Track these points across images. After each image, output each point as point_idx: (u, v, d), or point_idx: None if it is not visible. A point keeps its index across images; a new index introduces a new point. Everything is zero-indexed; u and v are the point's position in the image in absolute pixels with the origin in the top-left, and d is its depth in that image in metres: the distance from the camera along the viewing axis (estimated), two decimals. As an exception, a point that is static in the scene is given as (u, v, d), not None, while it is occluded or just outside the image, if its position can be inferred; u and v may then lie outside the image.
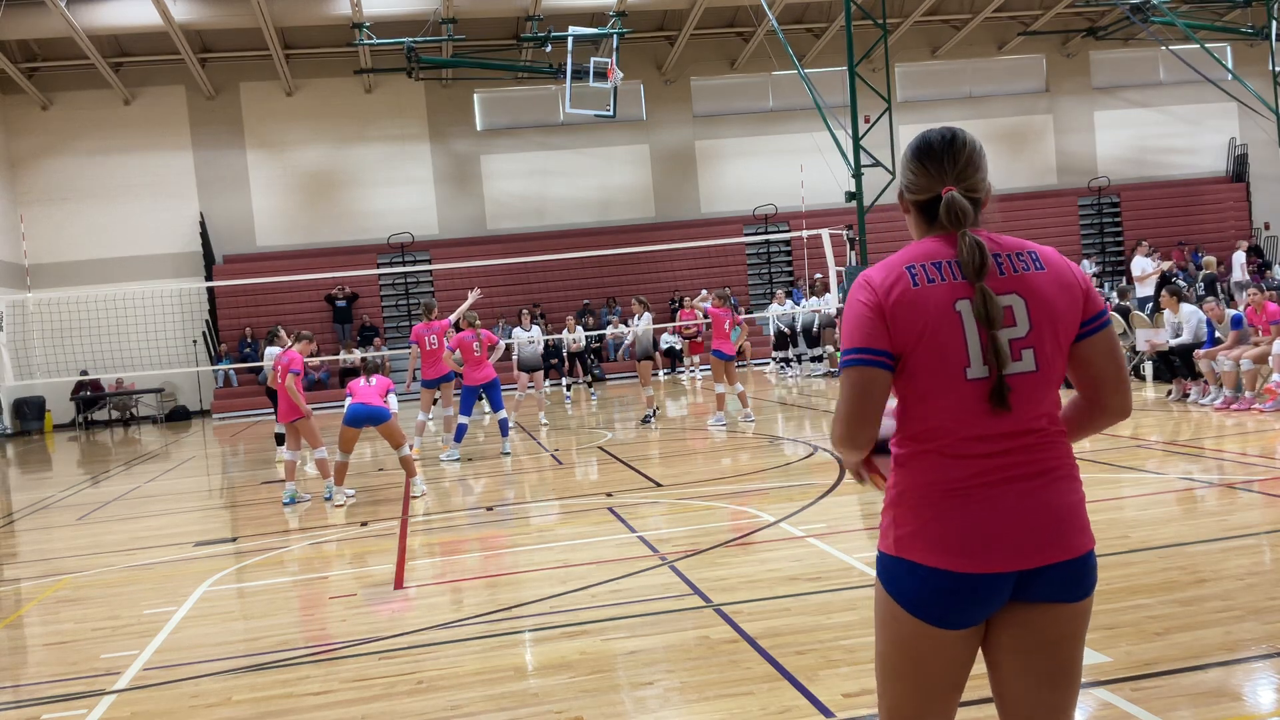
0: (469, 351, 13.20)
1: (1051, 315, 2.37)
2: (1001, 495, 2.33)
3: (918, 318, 2.32)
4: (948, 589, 2.32)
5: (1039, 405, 2.40)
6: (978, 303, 2.31)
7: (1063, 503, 2.37)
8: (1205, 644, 4.64)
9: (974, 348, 2.32)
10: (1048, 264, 2.40)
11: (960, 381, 2.33)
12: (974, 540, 2.31)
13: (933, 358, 2.33)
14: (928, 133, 2.50)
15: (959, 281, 2.34)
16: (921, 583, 2.34)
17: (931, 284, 2.34)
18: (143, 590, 7.47)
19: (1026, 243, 2.44)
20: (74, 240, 28.40)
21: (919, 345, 2.32)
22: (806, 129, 27.49)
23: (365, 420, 10.33)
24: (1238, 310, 12.65)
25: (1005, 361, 2.32)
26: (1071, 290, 2.40)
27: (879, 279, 2.37)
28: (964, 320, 2.32)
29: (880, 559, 2.44)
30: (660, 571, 6.66)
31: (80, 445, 22.57)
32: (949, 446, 2.36)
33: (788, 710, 4.26)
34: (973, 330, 2.32)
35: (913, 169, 2.47)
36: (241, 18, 25.59)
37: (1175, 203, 32.25)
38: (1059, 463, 2.41)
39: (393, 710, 4.64)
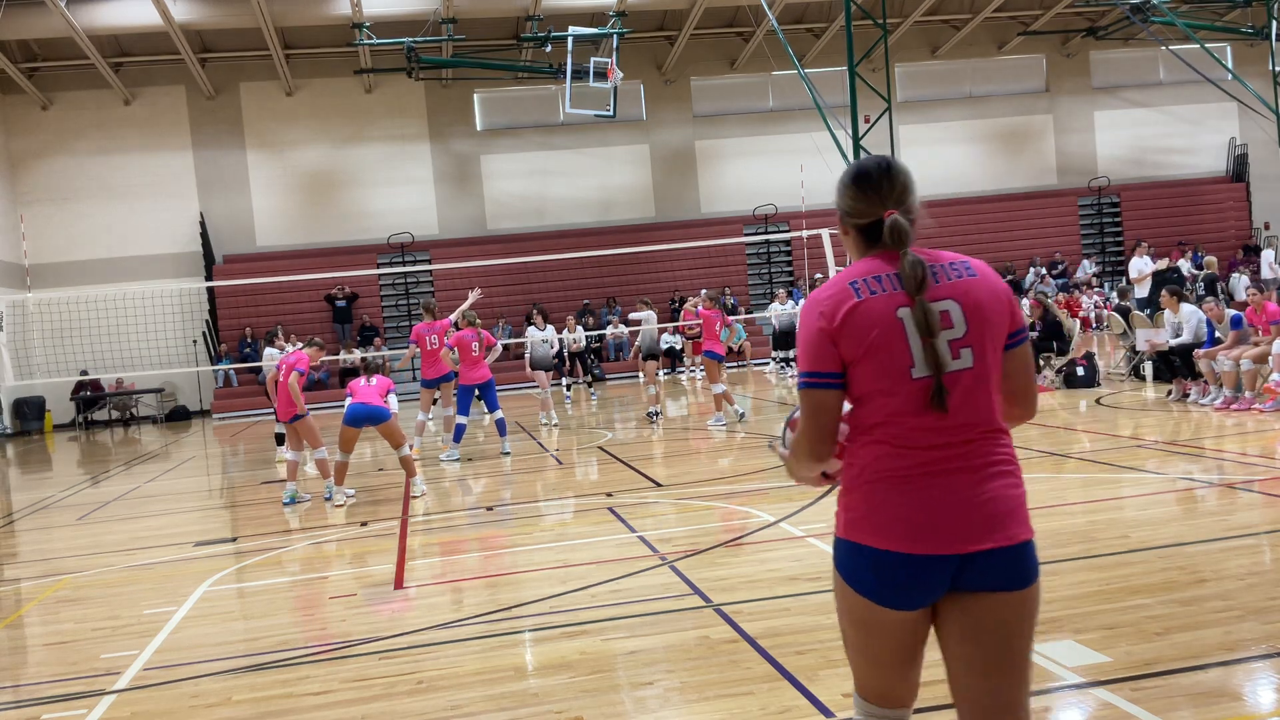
0: (467, 351, 13.19)
1: (984, 317, 2.58)
2: (944, 485, 2.53)
3: (864, 329, 2.53)
4: (891, 570, 2.52)
5: (980, 399, 2.58)
6: (918, 314, 2.52)
7: (1002, 495, 2.55)
8: (1205, 644, 4.64)
9: (917, 350, 2.54)
10: (980, 273, 2.64)
11: (906, 380, 2.53)
12: (916, 524, 2.51)
13: (880, 361, 2.54)
14: (864, 161, 2.70)
15: (899, 292, 2.56)
16: (868, 564, 2.55)
17: (874, 295, 2.56)
18: (143, 590, 7.47)
19: (956, 255, 2.68)
20: (74, 240, 28.41)
21: (867, 352, 2.54)
22: (806, 129, 27.49)
23: (365, 420, 10.33)
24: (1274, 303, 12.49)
25: (945, 364, 2.53)
26: (1000, 300, 2.62)
27: (826, 301, 2.58)
28: (906, 325, 2.54)
29: (835, 543, 2.66)
30: (660, 571, 6.66)
31: (80, 445, 22.57)
32: (897, 437, 2.55)
33: (788, 710, 4.26)
34: (914, 335, 2.54)
35: (853, 195, 2.68)
36: (241, 18, 25.59)
37: (1175, 203, 32.25)
38: (1000, 458, 2.59)
39: (393, 710, 4.64)
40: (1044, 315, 15.94)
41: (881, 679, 2.71)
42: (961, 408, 2.54)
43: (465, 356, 13.21)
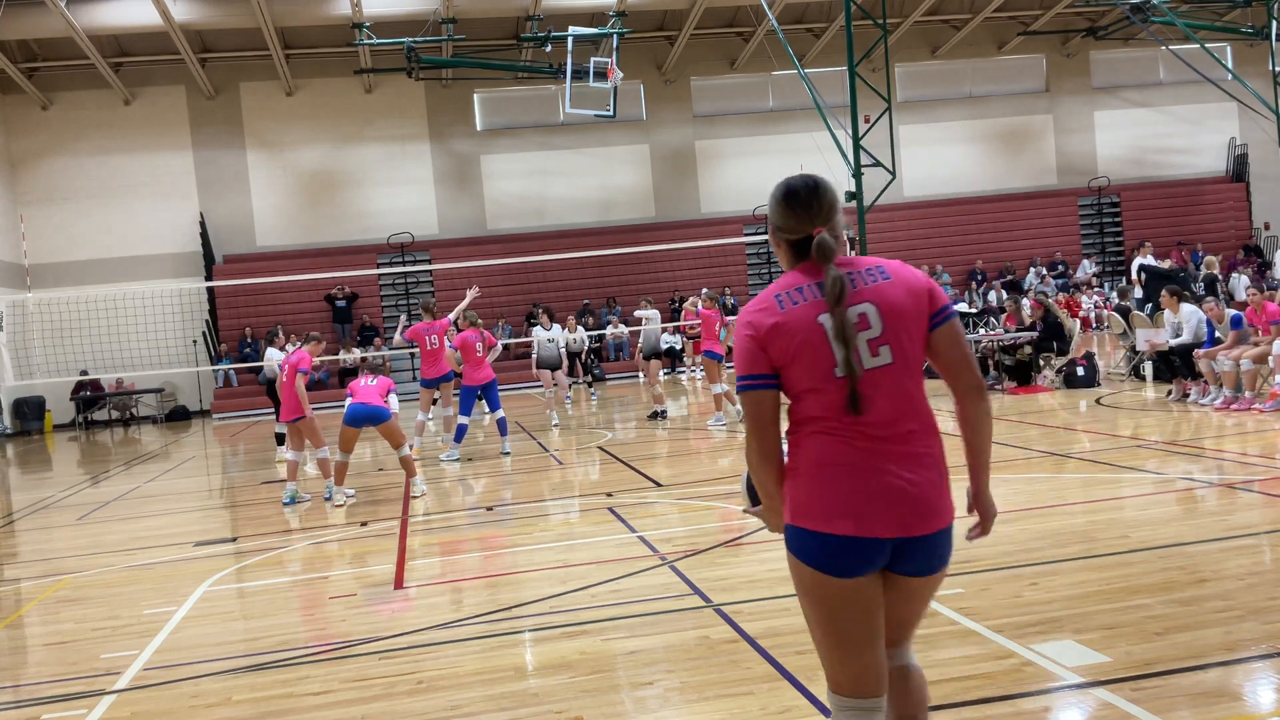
0: (471, 351, 13.18)
1: (900, 316, 2.82)
2: (876, 473, 2.78)
3: (789, 337, 2.80)
4: (834, 548, 2.78)
5: (903, 392, 2.83)
6: (835, 323, 2.77)
7: (928, 482, 2.81)
8: (1205, 644, 4.64)
9: (838, 352, 2.78)
10: (894, 275, 2.87)
11: (831, 379, 2.79)
12: (853, 510, 2.77)
13: (805, 364, 2.80)
14: (793, 181, 2.95)
15: (819, 300, 2.80)
16: (814, 544, 2.80)
17: (796, 305, 2.82)
18: (143, 590, 7.47)
19: (874, 260, 2.91)
20: (74, 240, 28.41)
21: (793, 357, 2.80)
22: (806, 129, 27.48)
23: (365, 420, 10.33)
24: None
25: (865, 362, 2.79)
26: (917, 294, 2.86)
27: (755, 314, 2.86)
28: (827, 330, 2.78)
29: (785, 529, 2.89)
30: (660, 571, 6.66)
31: (80, 445, 22.57)
32: (831, 430, 2.81)
33: (788, 710, 4.26)
34: (835, 339, 2.78)
35: (783, 213, 2.93)
36: (241, 18, 25.59)
37: (1175, 203, 32.25)
38: (925, 449, 2.84)
39: (393, 710, 4.64)
40: (1044, 315, 15.94)
41: (849, 659, 2.85)
42: (885, 402, 2.80)
43: (469, 357, 13.19)
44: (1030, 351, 15.87)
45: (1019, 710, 4.12)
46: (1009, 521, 7.34)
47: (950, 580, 5.90)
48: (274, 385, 14.82)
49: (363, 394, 10.47)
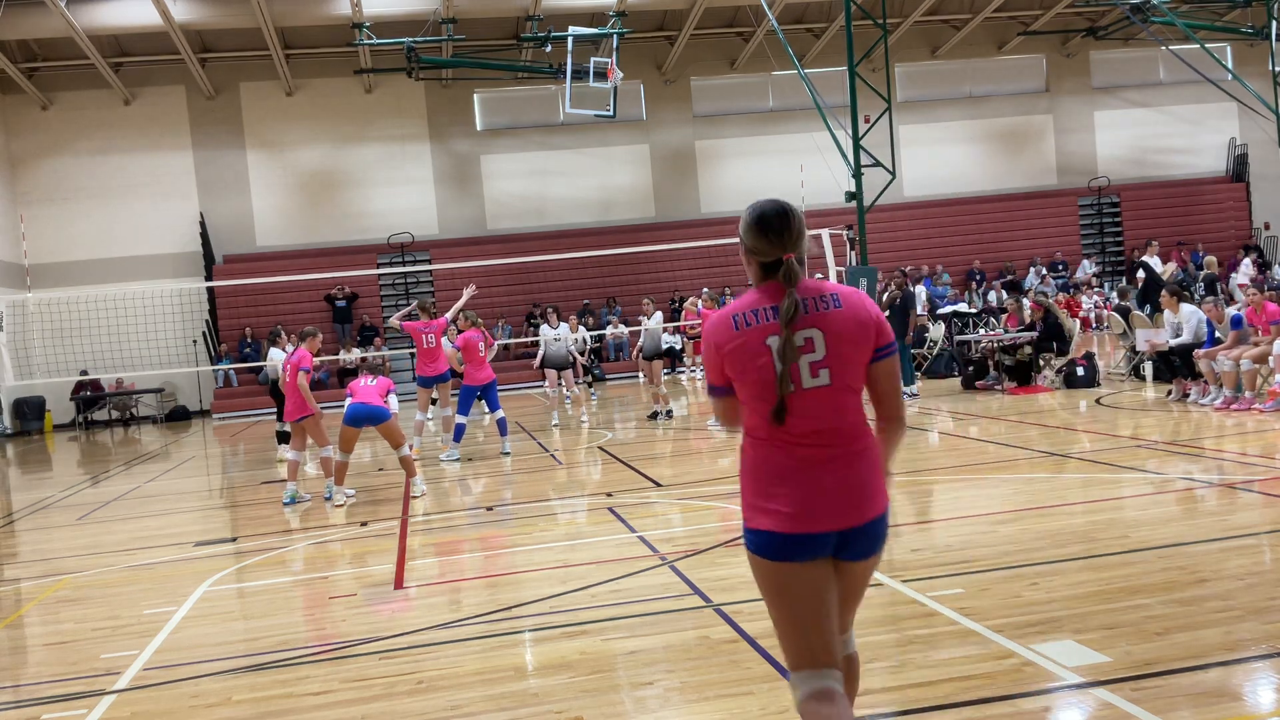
0: (474, 351, 13.16)
1: (843, 343, 3.10)
2: (814, 476, 3.08)
3: (742, 356, 3.12)
4: (782, 544, 3.07)
5: (836, 408, 3.11)
6: (781, 343, 3.06)
7: (862, 480, 3.11)
8: (1205, 644, 4.64)
9: (778, 368, 3.08)
10: (845, 304, 3.14)
11: (773, 396, 3.09)
12: (795, 510, 3.06)
13: (752, 381, 3.12)
14: (765, 208, 3.23)
15: (770, 323, 3.10)
16: (765, 541, 3.10)
17: (749, 327, 3.12)
18: (143, 590, 7.47)
19: (834, 287, 3.18)
20: (74, 240, 28.40)
21: (742, 374, 3.14)
22: (806, 129, 27.48)
23: (365, 420, 10.33)
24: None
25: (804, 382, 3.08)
26: (865, 325, 3.13)
27: (717, 334, 3.19)
28: (773, 352, 3.07)
29: (743, 529, 3.20)
30: (660, 571, 6.66)
31: (80, 445, 22.57)
32: (773, 437, 3.11)
33: (788, 710, 4.26)
34: (779, 359, 3.08)
35: (755, 237, 3.21)
36: (241, 18, 25.59)
37: (1175, 203, 32.25)
38: (858, 449, 3.13)
39: (393, 710, 4.65)
40: (1044, 316, 15.94)
41: (806, 635, 3.12)
42: (819, 417, 3.09)
43: (472, 356, 13.17)
44: (1030, 351, 15.87)
45: (1019, 710, 4.12)
46: (1009, 521, 7.34)
47: (950, 580, 5.90)
48: (277, 385, 14.79)
49: (362, 394, 10.47)
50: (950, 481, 9.31)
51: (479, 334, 13.30)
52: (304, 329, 11.43)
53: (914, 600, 5.60)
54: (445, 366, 14.02)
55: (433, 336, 13.75)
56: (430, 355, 13.79)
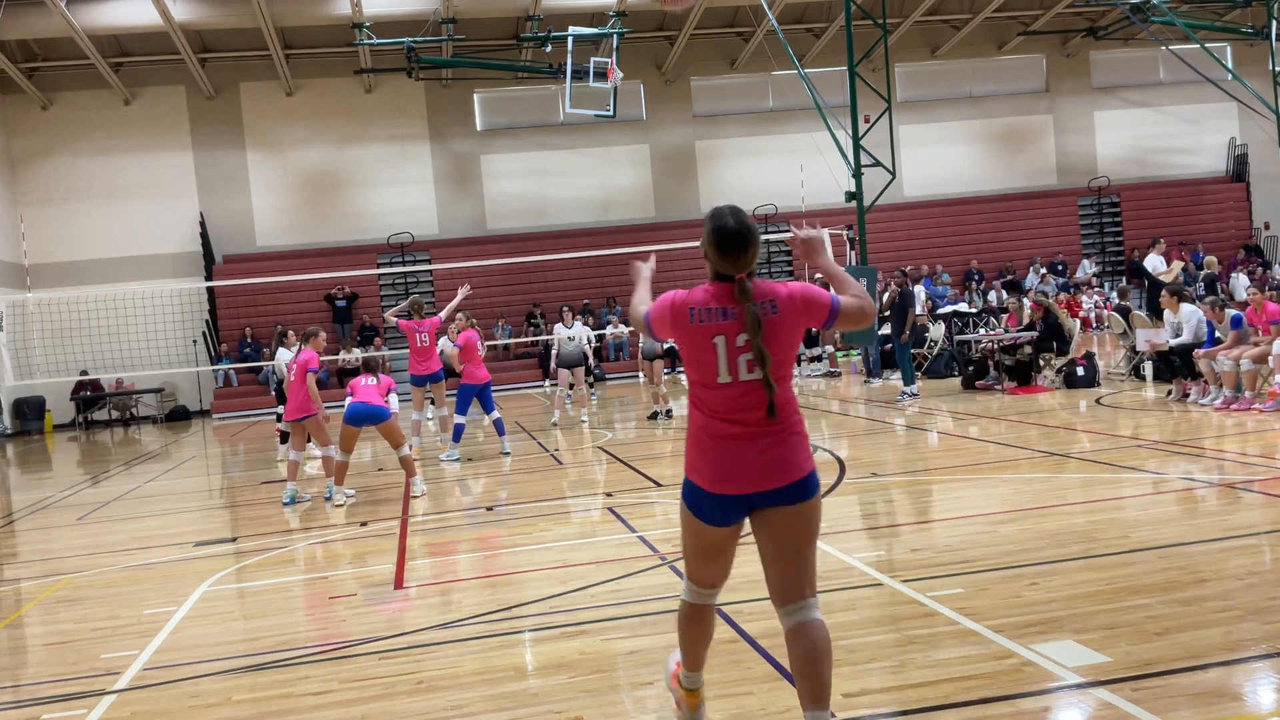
0: (473, 350, 13.16)
1: (777, 345, 3.64)
2: (738, 448, 3.66)
3: (691, 345, 3.71)
4: (705, 501, 3.73)
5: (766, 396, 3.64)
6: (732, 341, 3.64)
7: (784, 453, 3.65)
8: (1205, 644, 4.64)
9: (723, 365, 3.65)
10: (781, 310, 3.66)
11: (714, 384, 3.69)
12: (720, 473, 3.67)
13: (699, 367, 3.71)
14: (727, 225, 3.72)
15: (719, 324, 3.65)
16: (694, 494, 3.76)
17: (703, 323, 3.68)
18: (143, 590, 7.47)
19: (773, 292, 3.68)
20: (74, 240, 28.41)
21: (691, 358, 3.73)
22: (806, 129, 27.49)
23: (365, 419, 10.33)
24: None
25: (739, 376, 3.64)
26: (796, 328, 3.71)
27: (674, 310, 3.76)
28: (718, 348, 3.65)
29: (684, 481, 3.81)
30: (660, 571, 6.66)
31: (80, 445, 22.57)
32: (712, 414, 3.70)
33: (788, 710, 4.26)
34: (723, 355, 3.65)
35: (716, 253, 3.75)
36: (241, 18, 25.59)
37: (1175, 203, 32.25)
38: (785, 428, 3.67)
39: (393, 710, 4.64)
40: (1044, 315, 15.94)
41: (700, 569, 3.93)
42: (751, 402, 3.63)
43: (471, 356, 13.16)
44: (1030, 351, 15.87)
45: (1019, 710, 4.12)
46: (1009, 521, 7.34)
47: (950, 580, 5.90)
48: (283, 385, 14.75)
49: (363, 393, 10.47)
50: (950, 481, 9.31)
51: (477, 334, 13.31)
52: (307, 329, 11.42)
53: (914, 600, 5.60)
54: (438, 365, 14.05)
55: (426, 335, 13.78)
56: (424, 354, 13.82)
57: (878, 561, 6.50)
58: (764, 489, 3.63)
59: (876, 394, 17.47)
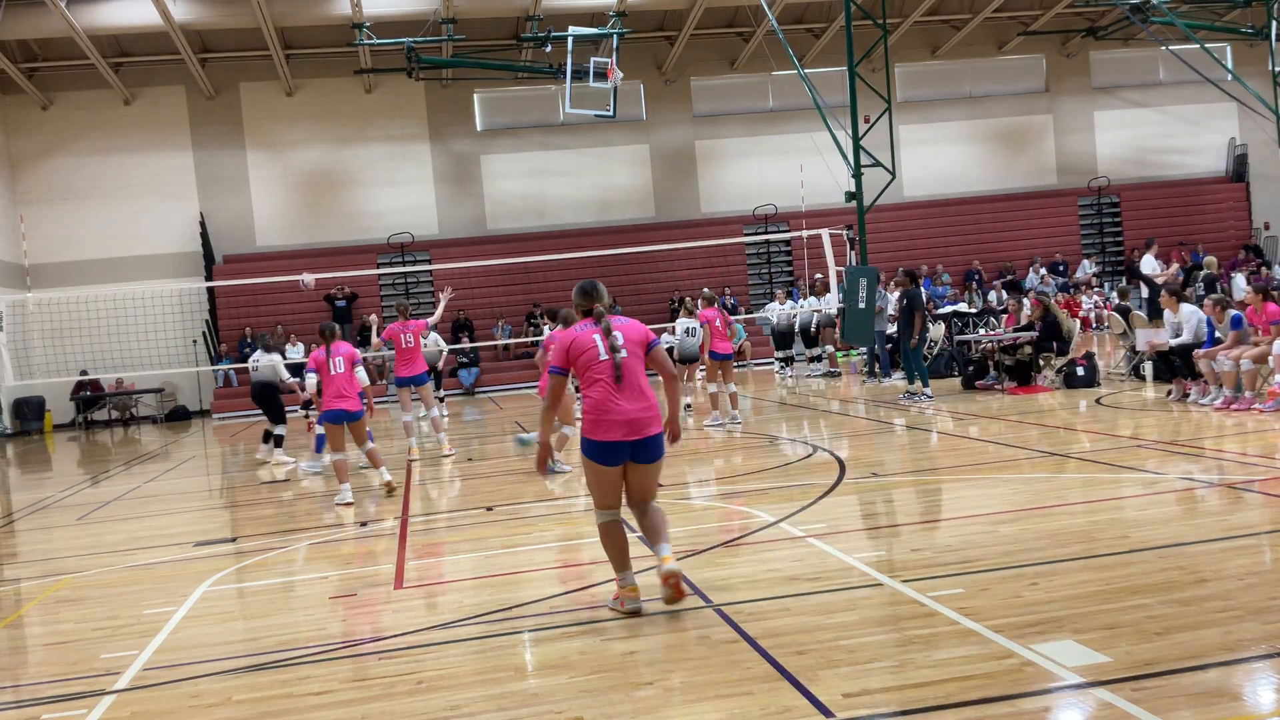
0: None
1: (633, 340, 5.90)
2: (622, 410, 5.72)
3: (580, 350, 5.85)
4: (602, 448, 5.74)
5: (633, 373, 5.82)
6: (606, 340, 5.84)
7: (644, 414, 5.75)
8: (1205, 644, 4.64)
9: (604, 354, 5.80)
10: (629, 324, 5.98)
11: (595, 366, 5.80)
12: (609, 429, 5.71)
13: (586, 361, 5.83)
14: (584, 284, 6.10)
15: (595, 329, 5.87)
16: (593, 446, 5.77)
17: (583, 332, 5.88)
18: (143, 590, 7.47)
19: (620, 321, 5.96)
20: (74, 240, 28.40)
21: (580, 361, 5.84)
22: (806, 129, 27.48)
23: (345, 419, 10.62)
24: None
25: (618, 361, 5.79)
26: (641, 334, 5.98)
27: (569, 340, 5.89)
28: (599, 345, 5.82)
29: (581, 439, 5.86)
30: (660, 571, 6.65)
31: (80, 445, 22.57)
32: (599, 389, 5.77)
33: (788, 710, 4.26)
34: (603, 350, 5.81)
35: (581, 298, 6.05)
36: (241, 18, 25.59)
37: (1175, 203, 32.25)
38: (645, 398, 5.80)
39: (393, 710, 4.65)
40: (1044, 315, 15.94)
41: (603, 497, 5.88)
42: (627, 377, 5.78)
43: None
44: (1030, 351, 15.87)
45: (1019, 710, 4.12)
46: (1009, 521, 7.34)
47: (950, 580, 5.91)
48: (268, 389, 14.53)
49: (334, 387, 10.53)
50: (950, 481, 9.31)
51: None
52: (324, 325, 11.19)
53: (914, 600, 5.60)
54: (424, 367, 14.19)
55: (411, 336, 13.95)
56: (408, 355, 13.95)
57: (878, 561, 6.50)
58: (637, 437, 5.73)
59: (877, 394, 17.47)
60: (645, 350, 5.87)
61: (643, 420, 5.66)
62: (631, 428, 5.63)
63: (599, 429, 5.65)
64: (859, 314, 19.82)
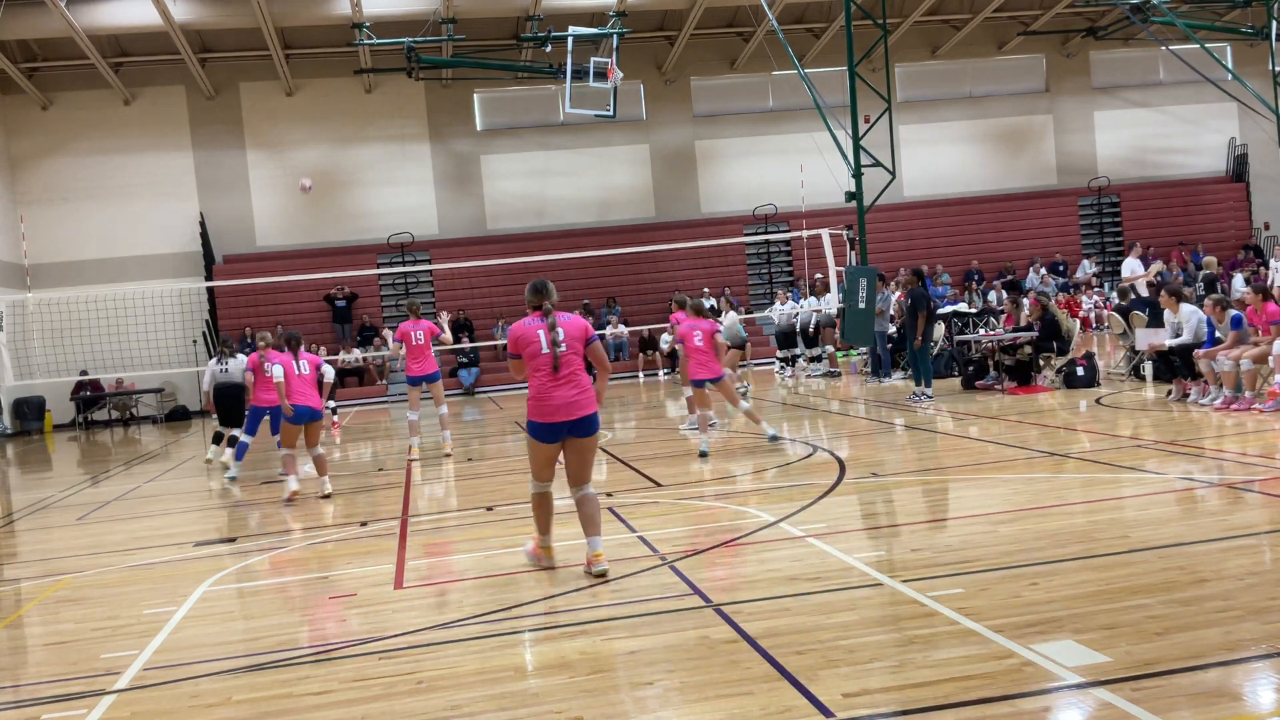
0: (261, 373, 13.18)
1: (572, 337, 6.73)
2: (558, 395, 6.64)
3: (526, 343, 6.73)
4: (542, 428, 6.70)
5: (571, 363, 6.67)
6: (549, 333, 6.69)
7: (581, 398, 6.67)
8: (1205, 644, 4.64)
9: (545, 346, 6.66)
10: (571, 320, 6.77)
11: (539, 357, 6.67)
12: (548, 411, 6.65)
13: (530, 352, 6.70)
14: (535, 282, 6.92)
15: (540, 324, 6.72)
16: (535, 427, 6.72)
17: (530, 326, 6.74)
18: (143, 590, 7.47)
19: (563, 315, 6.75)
20: (74, 240, 28.41)
21: (526, 350, 6.72)
22: (806, 129, 27.49)
23: (307, 418, 11.03)
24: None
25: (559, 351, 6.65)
26: (580, 329, 6.80)
27: (518, 331, 6.76)
28: (542, 337, 6.67)
29: (527, 421, 6.80)
30: (660, 571, 6.66)
31: (80, 445, 22.57)
32: (540, 377, 6.68)
33: (788, 710, 4.26)
34: (545, 343, 6.67)
35: (532, 295, 6.86)
36: (241, 18, 25.60)
37: (1175, 203, 32.25)
38: (583, 385, 6.72)
39: (393, 710, 4.65)
40: (1043, 315, 15.94)
41: (540, 472, 6.86)
42: (564, 367, 6.65)
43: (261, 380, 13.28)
44: (1030, 351, 15.86)
45: (1019, 710, 4.12)
46: (1009, 521, 7.34)
47: (950, 580, 5.91)
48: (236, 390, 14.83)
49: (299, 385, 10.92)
50: (950, 481, 9.31)
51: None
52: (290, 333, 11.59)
53: (914, 600, 5.60)
54: (434, 366, 14.16)
55: (421, 334, 13.93)
56: (418, 353, 13.94)
57: (878, 561, 6.50)
58: (573, 417, 6.66)
59: (878, 394, 17.47)
60: (584, 344, 6.76)
61: (577, 403, 6.64)
62: (567, 410, 6.63)
63: (540, 413, 6.64)
64: (859, 314, 19.82)
